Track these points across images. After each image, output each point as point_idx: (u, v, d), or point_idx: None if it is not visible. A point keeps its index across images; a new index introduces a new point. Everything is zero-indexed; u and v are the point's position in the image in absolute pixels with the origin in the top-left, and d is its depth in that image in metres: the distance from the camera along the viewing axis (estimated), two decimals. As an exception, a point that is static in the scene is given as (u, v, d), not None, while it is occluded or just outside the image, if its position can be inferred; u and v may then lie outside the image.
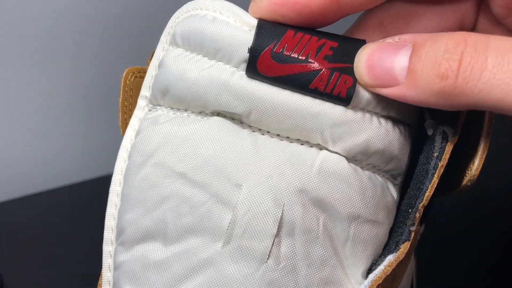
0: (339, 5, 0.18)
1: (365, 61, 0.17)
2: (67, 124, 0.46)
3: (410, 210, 0.18)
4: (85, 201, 0.45)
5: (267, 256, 0.17)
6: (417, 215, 0.18)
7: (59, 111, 0.45)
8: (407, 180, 0.20)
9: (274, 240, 0.17)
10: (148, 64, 0.21)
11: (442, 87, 0.15)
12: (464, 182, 0.20)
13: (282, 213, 0.17)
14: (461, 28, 0.21)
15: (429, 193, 0.18)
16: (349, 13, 0.19)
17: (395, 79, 0.16)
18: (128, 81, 0.21)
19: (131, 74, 0.21)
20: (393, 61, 0.16)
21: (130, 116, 0.21)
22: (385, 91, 0.17)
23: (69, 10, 0.42)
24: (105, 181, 0.47)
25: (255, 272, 0.16)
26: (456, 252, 0.37)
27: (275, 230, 0.17)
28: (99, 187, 0.46)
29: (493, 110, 0.15)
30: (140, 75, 0.21)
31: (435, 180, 0.18)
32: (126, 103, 0.21)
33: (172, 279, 0.17)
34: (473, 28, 0.21)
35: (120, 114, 0.21)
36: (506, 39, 0.15)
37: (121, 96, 0.21)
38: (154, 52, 0.21)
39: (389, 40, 0.17)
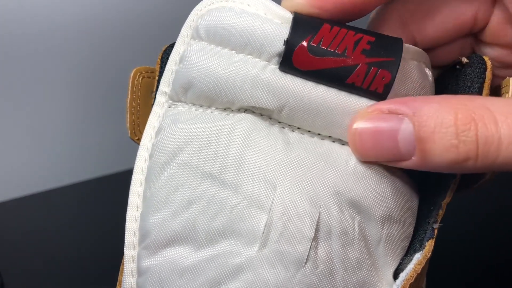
0: None
1: (364, 141, 0.17)
2: (69, 124, 0.46)
3: (432, 208, 0.18)
4: (85, 201, 0.45)
5: (305, 260, 0.16)
6: (440, 212, 0.18)
7: (61, 111, 0.45)
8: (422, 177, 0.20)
9: (311, 244, 0.16)
10: (157, 64, 0.20)
11: (462, 167, 0.16)
12: (486, 177, 0.19)
13: (319, 215, 0.16)
14: (475, 23, 0.21)
15: (452, 190, 0.18)
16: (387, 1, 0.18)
17: (403, 156, 0.17)
18: (136, 81, 0.20)
19: (139, 74, 0.21)
20: (396, 142, 0.16)
21: (138, 117, 0.21)
22: (393, 165, 0.17)
23: (76, 8, 0.41)
24: (105, 181, 0.47)
25: (293, 276, 0.16)
26: (460, 251, 0.37)
27: (313, 233, 0.16)
28: (100, 187, 0.46)
29: None
30: (148, 75, 0.21)
31: (459, 176, 0.18)
32: (134, 104, 0.20)
33: (204, 285, 0.16)
34: (486, 23, 0.21)
35: (128, 115, 0.20)
36: (506, 102, 0.16)
37: (129, 96, 0.21)
38: (164, 50, 0.20)
39: (372, 109, 0.17)
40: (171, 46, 0.20)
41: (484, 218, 0.39)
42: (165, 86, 0.19)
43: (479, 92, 0.19)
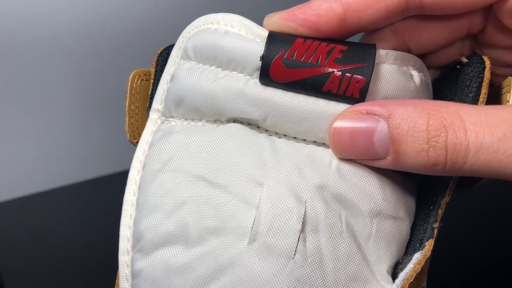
0: (346, 27, 0.18)
1: (342, 139, 0.18)
2: (69, 125, 0.46)
3: (431, 207, 0.18)
4: (86, 201, 0.45)
5: (293, 252, 0.17)
6: (440, 211, 0.18)
7: (61, 112, 0.45)
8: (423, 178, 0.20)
9: (299, 236, 0.17)
10: (153, 67, 0.21)
11: (432, 170, 0.16)
12: (484, 179, 0.19)
13: (305, 209, 0.17)
14: (470, 30, 0.21)
15: (450, 189, 0.18)
16: (357, 33, 0.19)
17: (378, 155, 0.17)
18: (134, 84, 0.21)
19: (137, 77, 0.21)
20: (372, 142, 0.17)
21: (137, 120, 0.21)
22: (369, 163, 0.18)
23: (76, 12, 0.41)
24: (103, 181, 0.47)
25: (283, 268, 0.16)
26: (461, 250, 0.37)
27: (300, 226, 0.17)
28: (100, 187, 0.46)
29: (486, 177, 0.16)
30: (147, 78, 0.21)
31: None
32: (133, 107, 0.21)
33: (197, 281, 0.17)
34: (482, 29, 0.21)
35: (127, 118, 0.21)
36: (477, 111, 0.16)
37: (127, 99, 0.21)
38: (159, 52, 0.21)
39: (352, 109, 0.17)
40: (167, 48, 0.21)
41: (484, 217, 0.39)
42: (157, 104, 0.20)
43: (477, 91, 0.19)
